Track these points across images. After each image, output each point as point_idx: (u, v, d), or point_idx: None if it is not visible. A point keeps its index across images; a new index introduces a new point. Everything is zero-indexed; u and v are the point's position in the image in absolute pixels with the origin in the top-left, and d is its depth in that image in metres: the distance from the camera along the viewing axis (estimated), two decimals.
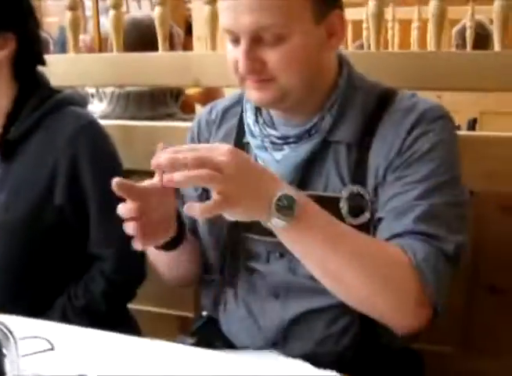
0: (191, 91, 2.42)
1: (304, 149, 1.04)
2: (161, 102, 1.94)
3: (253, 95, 1.03)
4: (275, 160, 1.05)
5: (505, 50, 1.43)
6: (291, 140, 1.05)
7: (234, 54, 1.00)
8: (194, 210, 0.82)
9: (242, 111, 1.14)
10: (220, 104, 1.21)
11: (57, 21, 5.09)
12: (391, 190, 1.00)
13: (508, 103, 2.80)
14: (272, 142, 1.06)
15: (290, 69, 0.98)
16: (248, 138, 1.10)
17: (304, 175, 1.06)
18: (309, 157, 1.05)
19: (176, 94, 1.98)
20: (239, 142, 1.12)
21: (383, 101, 1.05)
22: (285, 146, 1.05)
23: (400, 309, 0.94)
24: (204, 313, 1.23)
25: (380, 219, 1.01)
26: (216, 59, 1.58)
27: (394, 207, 0.99)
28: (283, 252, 1.04)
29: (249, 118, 1.10)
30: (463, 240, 0.98)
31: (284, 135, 1.06)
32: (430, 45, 2.50)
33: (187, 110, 2.28)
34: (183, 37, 2.32)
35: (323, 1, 0.99)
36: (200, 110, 1.25)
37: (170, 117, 1.92)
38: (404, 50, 3.64)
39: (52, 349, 0.94)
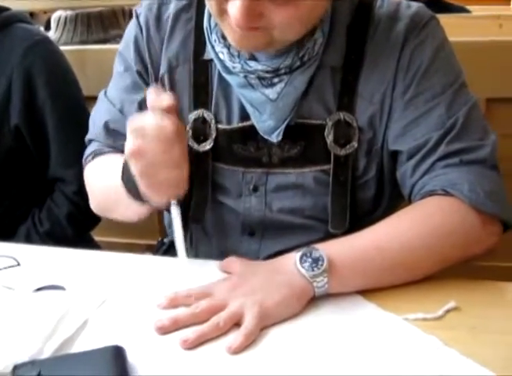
0: None
1: (300, 81, 0.90)
2: (112, 23, 1.85)
3: (236, 38, 0.83)
4: (269, 98, 0.90)
5: None
6: (282, 72, 0.89)
7: None
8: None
9: (197, 17, 0.97)
10: (170, 4, 1.00)
11: None
12: (410, 114, 0.90)
13: None
14: (260, 78, 0.90)
15: (290, 28, 0.81)
16: (225, 76, 0.93)
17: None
18: (307, 88, 0.91)
19: (129, 14, 1.88)
20: (198, 61, 0.97)
21: (362, 8, 0.93)
22: (275, 80, 0.90)
23: (470, 245, 0.85)
24: (166, 240, 1.17)
25: (399, 153, 0.92)
26: None
27: (419, 136, 0.89)
28: (257, 185, 0.97)
29: (221, 53, 0.92)
30: (495, 138, 0.90)
31: (273, 67, 0.89)
32: None
33: None
34: None
35: None
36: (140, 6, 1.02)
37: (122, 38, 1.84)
38: None
39: (18, 265, 0.92)
